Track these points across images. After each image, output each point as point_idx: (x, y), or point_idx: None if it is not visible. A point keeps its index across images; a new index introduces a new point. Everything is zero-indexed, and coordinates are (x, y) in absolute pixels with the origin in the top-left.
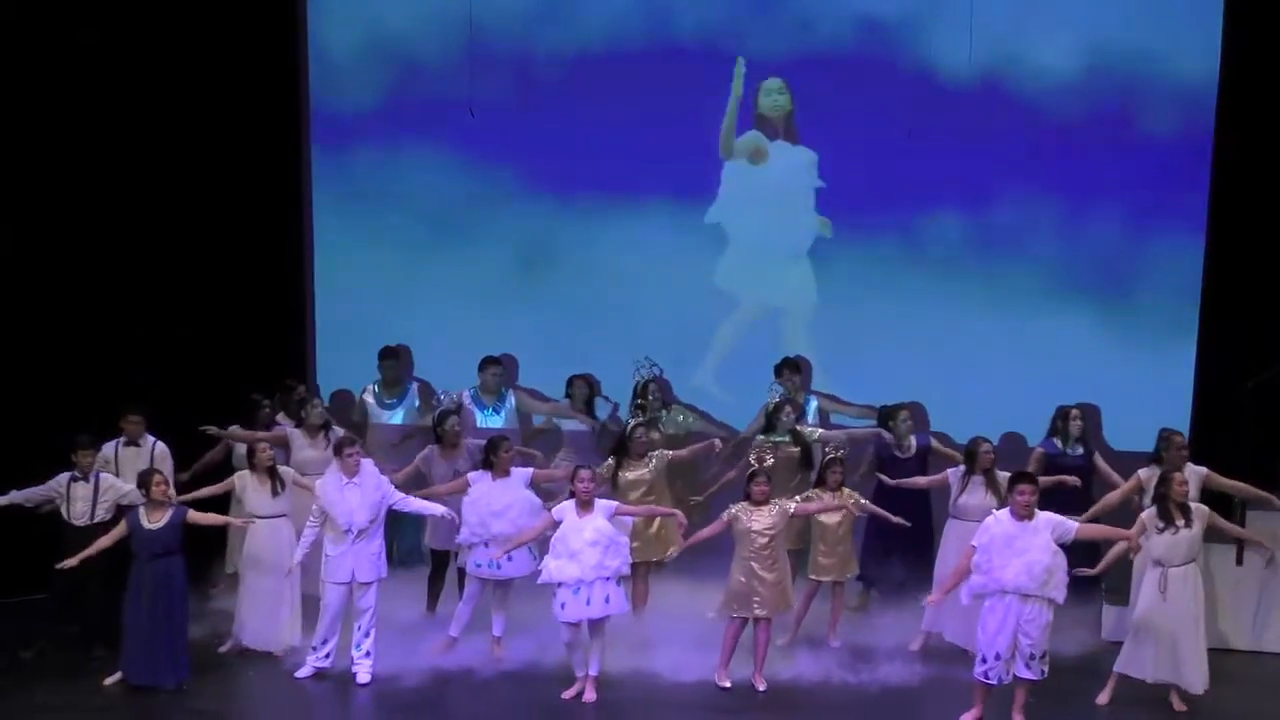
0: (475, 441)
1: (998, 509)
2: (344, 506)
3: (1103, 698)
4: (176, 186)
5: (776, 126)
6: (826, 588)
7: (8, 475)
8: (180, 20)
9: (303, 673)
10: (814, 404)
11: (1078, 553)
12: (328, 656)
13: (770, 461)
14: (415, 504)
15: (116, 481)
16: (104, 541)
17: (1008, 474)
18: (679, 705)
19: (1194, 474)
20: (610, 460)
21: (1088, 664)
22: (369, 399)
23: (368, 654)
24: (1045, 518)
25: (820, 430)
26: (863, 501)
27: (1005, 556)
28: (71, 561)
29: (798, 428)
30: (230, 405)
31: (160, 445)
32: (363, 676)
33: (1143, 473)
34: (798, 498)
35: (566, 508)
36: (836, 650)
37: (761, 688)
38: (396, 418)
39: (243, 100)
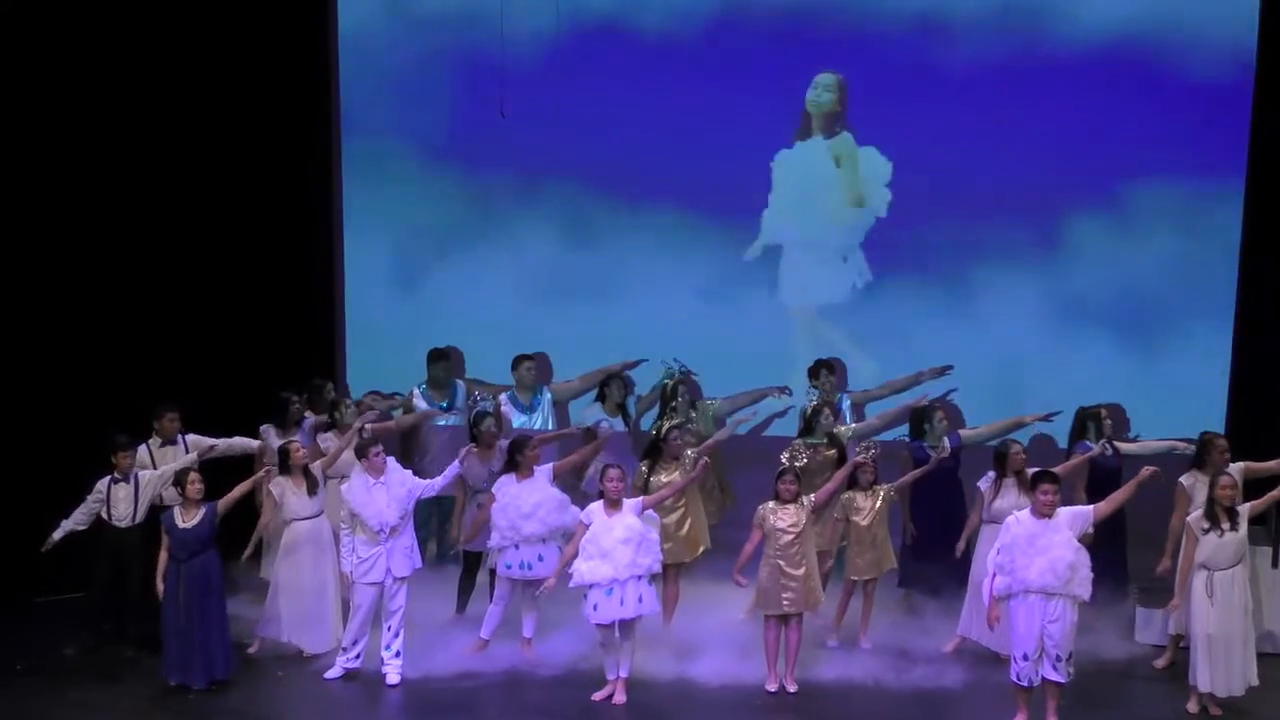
0: (507, 442)
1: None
2: (374, 508)
3: (1191, 705)
4: (203, 183)
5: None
6: (861, 587)
7: (40, 476)
8: (209, 11)
9: (332, 674)
10: (847, 402)
11: (1107, 542)
12: (358, 657)
13: (803, 462)
14: (439, 481)
15: (153, 473)
16: (164, 554)
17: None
18: (709, 707)
19: (1234, 471)
20: (643, 466)
21: (1122, 667)
22: (421, 402)
23: (398, 655)
24: (1065, 514)
25: (854, 425)
26: (893, 486)
27: (1028, 555)
28: (160, 586)
29: (835, 430)
30: (259, 404)
31: (191, 437)
32: (392, 677)
33: (1185, 480)
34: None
35: (595, 509)
36: (868, 651)
37: (793, 689)
38: (450, 419)
39: (273, 94)
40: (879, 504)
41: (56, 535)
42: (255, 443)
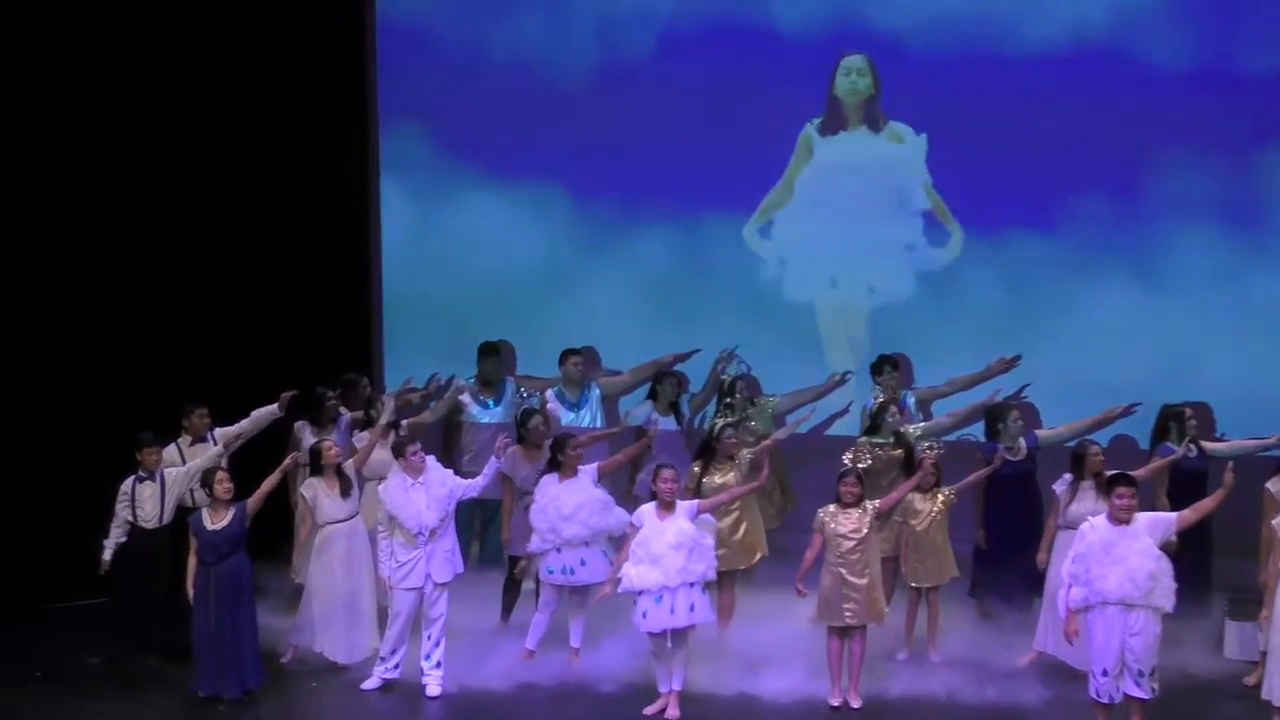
0: None
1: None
2: (411, 509)
3: None
4: (235, 175)
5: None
6: (924, 596)
7: (64, 479)
8: None
9: (369, 684)
10: (912, 399)
11: (1190, 548)
12: (396, 667)
13: (868, 463)
14: (480, 481)
15: (180, 470)
16: (193, 559)
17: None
18: None
19: None
20: (695, 466)
21: (1209, 684)
22: (465, 398)
23: (438, 665)
24: (1145, 520)
25: (923, 424)
26: (953, 489)
27: (1104, 565)
28: (191, 591)
29: (902, 429)
30: (294, 400)
31: (218, 431)
32: (432, 689)
33: (1271, 485)
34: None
35: (646, 511)
36: (938, 665)
37: (856, 704)
38: (496, 417)
39: (308, 82)
40: (937, 508)
41: (106, 555)
42: (273, 405)
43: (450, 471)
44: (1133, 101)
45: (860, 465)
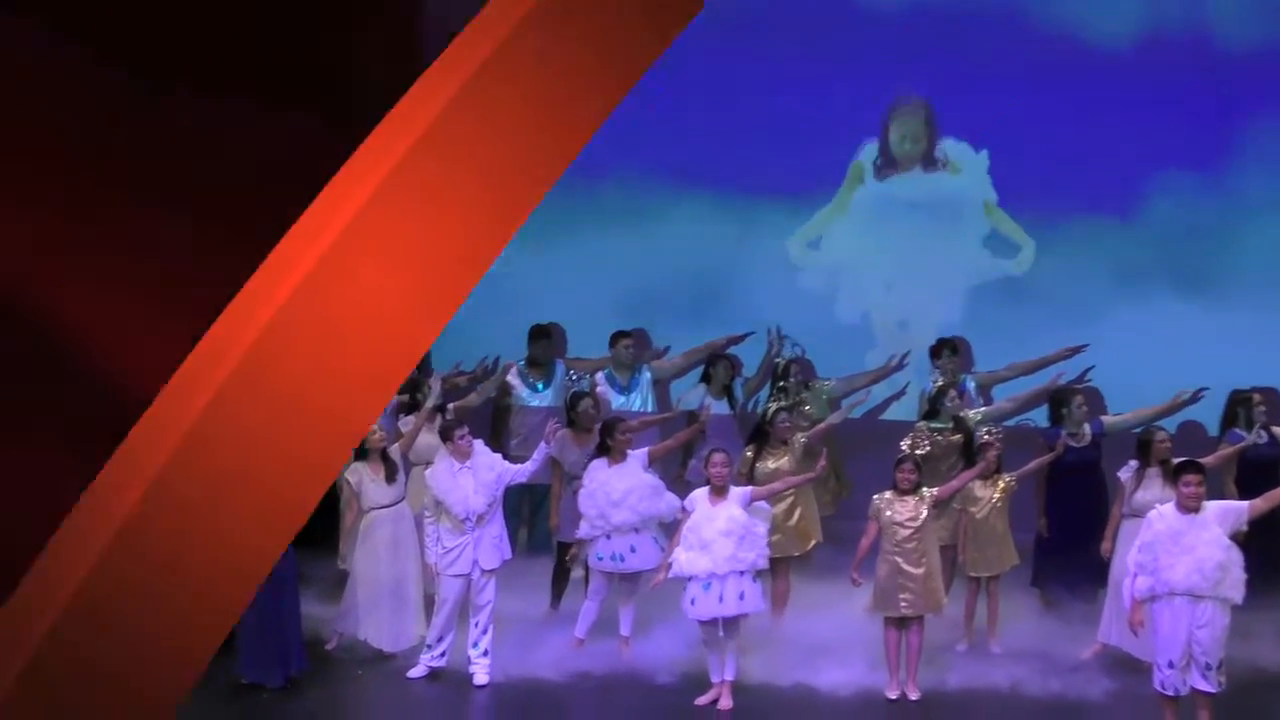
0: None
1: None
2: (458, 494)
3: None
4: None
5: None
6: (984, 586)
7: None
8: None
9: (416, 672)
10: (971, 384)
11: (1262, 535)
12: (443, 655)
13: (926, 449)
14: (529, 466)
15: None
16: None
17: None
18: (823, 714)
19: None
20: (748, 451)
21: None
22: (514, 380)
23: (486, 653)
24: (1214, 509)
25: (984, 408)
26: (1014, 475)
27: (1172, 554)
28: None
29: (962, 414)
30: None
31: None
32: (480, 677)
33: None
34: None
35: (699, 496)
36: (999, 656)
37: (914, 696)
38: (545, 401)
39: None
40: (997, 495)
41: None
42: None
43: (498, 456)
44: (1203, 91)
45: (918, 451)
